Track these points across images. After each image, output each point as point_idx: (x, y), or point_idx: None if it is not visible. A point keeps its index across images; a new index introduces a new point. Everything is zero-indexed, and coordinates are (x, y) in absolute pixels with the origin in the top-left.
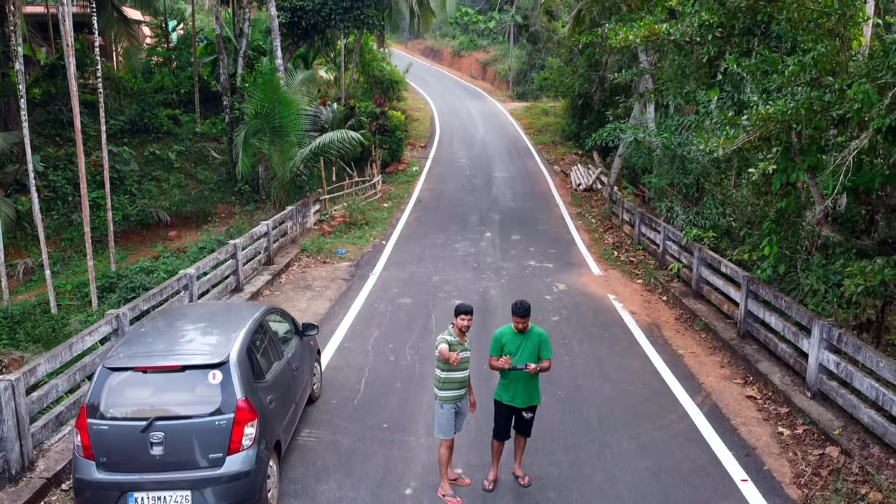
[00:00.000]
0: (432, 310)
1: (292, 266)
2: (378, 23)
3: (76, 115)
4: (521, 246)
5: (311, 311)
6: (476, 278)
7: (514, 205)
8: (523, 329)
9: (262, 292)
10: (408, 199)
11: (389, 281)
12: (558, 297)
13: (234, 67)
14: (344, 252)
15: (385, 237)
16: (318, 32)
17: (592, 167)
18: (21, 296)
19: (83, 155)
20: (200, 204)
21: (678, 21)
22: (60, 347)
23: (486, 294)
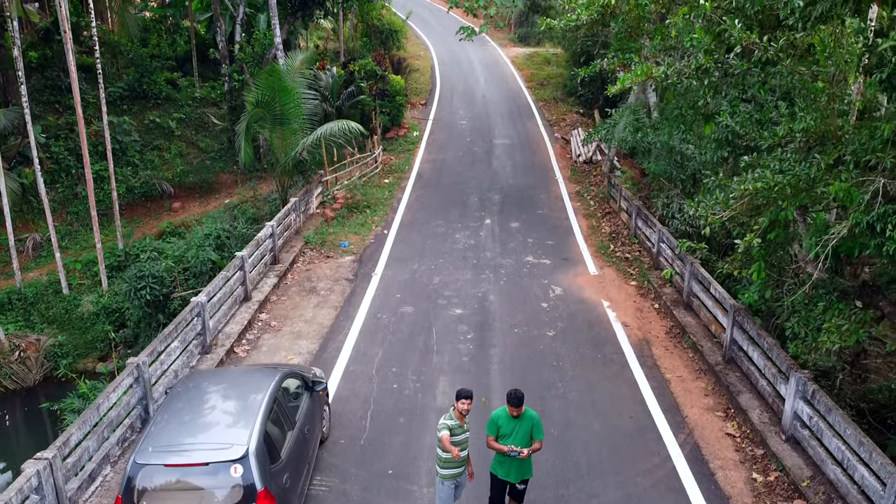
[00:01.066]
0: (433, 322)
1: (297, 263)
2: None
3: (74, 82)
4: (519, 237)
5: (316, 323)
6: (475, 279)
7: (513, 181)
8: (518, 415)
9: (270, 299)
10: (408, 174)
11: (391, 283)
12: (554, 306)
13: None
14: (347, 245)
15: (386, 225)
16: (317, 5)
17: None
18: (32, 273)
19: (84, 125)
20: (203, 174)
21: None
22: (89, 412)
23: (485, 300)
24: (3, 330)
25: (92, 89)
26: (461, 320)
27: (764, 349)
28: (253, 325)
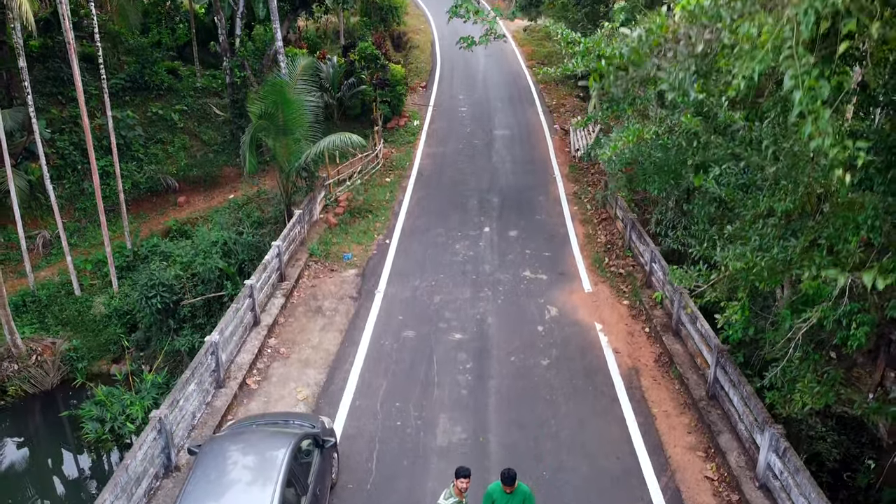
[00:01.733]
0: (434, 348)
1: (303, 278)
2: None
3: (76, 75)
4: (517, 247)
5: (323, 349)
6: (474, 298)
7: (513, 180)
8: (511, 491)
9: (278, 321)
10: (409, 171)
11: (393, 303)
12: (549, 330)
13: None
14: (350, 257)
15: (388, 233)
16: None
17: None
18: (43, 272)
19: (87, 119)
20: (206, 168)
21: (662, 122)
22: (118, 474)
23: (483, 323)
24: (20, 334)
25: (94, 80)
26: (460, 347)
27: (743, 396)
28: (263, 353)
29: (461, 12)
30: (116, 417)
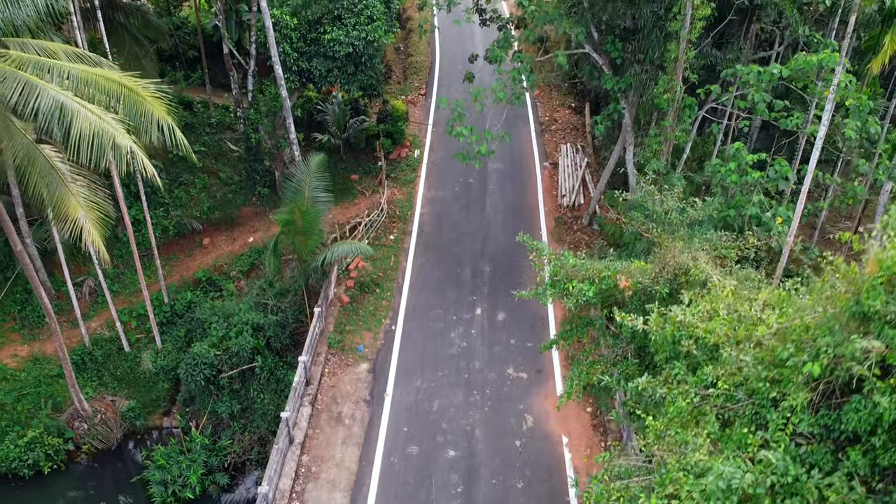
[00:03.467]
0: (433, 470)
1: (324, 376)
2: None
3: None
4: (504, 337)
5: (345, 468)
6: (465, 404)
7: (503, 240)
8: None
9: (308, 434)
10: (410, 224)
11: (399, 411)
12: (525, 444)
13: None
14: (362, 349)
15: (393, 316)
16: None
17: (580, 156)
18: (92, 322)
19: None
20: (227, 210)
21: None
22: None
23: (472, 437)
24: (84, 395)
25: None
26: (453, 467)
27: None
28: (298, 475)
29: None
30: (176, 481)
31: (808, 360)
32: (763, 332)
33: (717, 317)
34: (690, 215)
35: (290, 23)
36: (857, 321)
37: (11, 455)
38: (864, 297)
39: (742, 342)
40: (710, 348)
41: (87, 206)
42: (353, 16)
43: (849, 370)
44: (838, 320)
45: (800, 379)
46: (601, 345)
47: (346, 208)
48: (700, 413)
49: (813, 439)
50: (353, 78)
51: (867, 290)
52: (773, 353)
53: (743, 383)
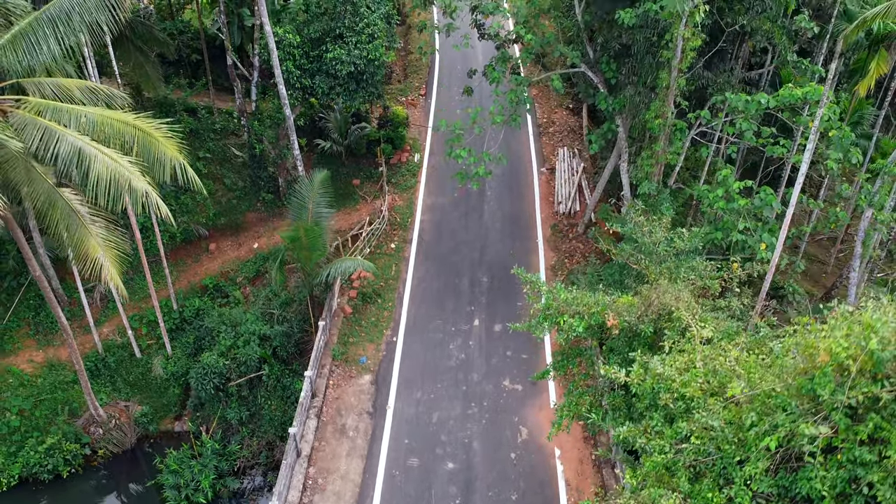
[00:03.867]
0: (432, 482)
1: (329, 388)
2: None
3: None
4: (500, 348)
5: (350, 480)
6: (463, 416)
7: (500, 248)
8: None
9: (314, 447)
10: (410, 233)
11: (401, 423)
12: (520, 457)
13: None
14: (365, 361)
15: (394, 326)
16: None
17: (577, 161)
18: (104, 328)
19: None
20: (232, 215)
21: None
22: None
23: (470, 449)
24: (99, 401)
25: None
26: (452, 479)
27: None
28: (306, 486)
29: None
30: (188, 485)
31: (768, 430)
32: (732, 394)
33: (693, 369)
34: (678, 246)
35: (293, 41)
36: (810, 400)
37: (32, 461)
38: (816, 384)
39: (716, 394)
40: (686, 400)
41: (106, 245)
42: (355, 34)
43: (800, 447)
44: (795, 397)
45: (761, 445)
46: (590, 375)
47: (348, 214)
48: (674, 465)
49: (772, 498)
50: (354, 94)
51: (818, 378)
52: (741, 415)
53: (714, 439)
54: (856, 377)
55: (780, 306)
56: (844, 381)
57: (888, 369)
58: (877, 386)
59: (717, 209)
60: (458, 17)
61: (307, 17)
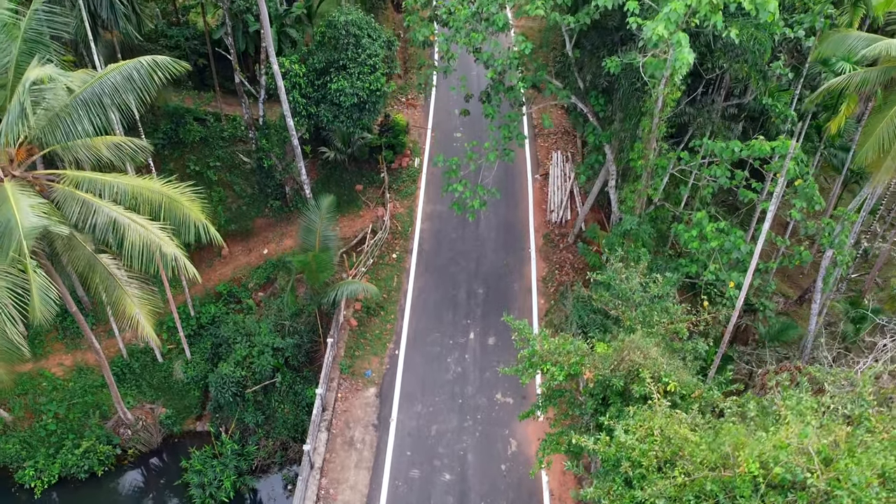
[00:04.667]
0: (431, 493)
1: (338, 401)
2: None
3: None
4: (494, 360)
5: (358, 491)
6: (459, 429)
7: (494, 259)
8: None
9: (326, 458)
10: (411, 243)
11: (403, 436)
12: (510, 469)
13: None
14: (370, 374)
15: (396, 339)
16: None
17: (570, 165)
18: (127, 333)
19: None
20: (242, 222)
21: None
22: None
23: (465, 461)
24: (126, 404)
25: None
26: (448, 490)
27: None
28: (319, 497)
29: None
30: (212, 483)
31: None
32: (677, 473)
33: (650, 437)
34: (651, 291)
35: (299, 72)
36: (734, 498)
37: (70, 463)
38: (737, 488)
39: (669, 462)
40: (643, 468)
41: (141, 303)
42: (357, 66)
43: None
44: (722, 491)
45: None
46: (570, 415)
47: (352, 220)
48: None
49: None
50: (358, 122)
51: (738, 482)
52: (682, 494)
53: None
54: (766, 491)
55: (752, 322)
56: (759, 488)
57: (794, 485)
58: (784, 495)
59: (691, 249)
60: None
61: (311, 47)
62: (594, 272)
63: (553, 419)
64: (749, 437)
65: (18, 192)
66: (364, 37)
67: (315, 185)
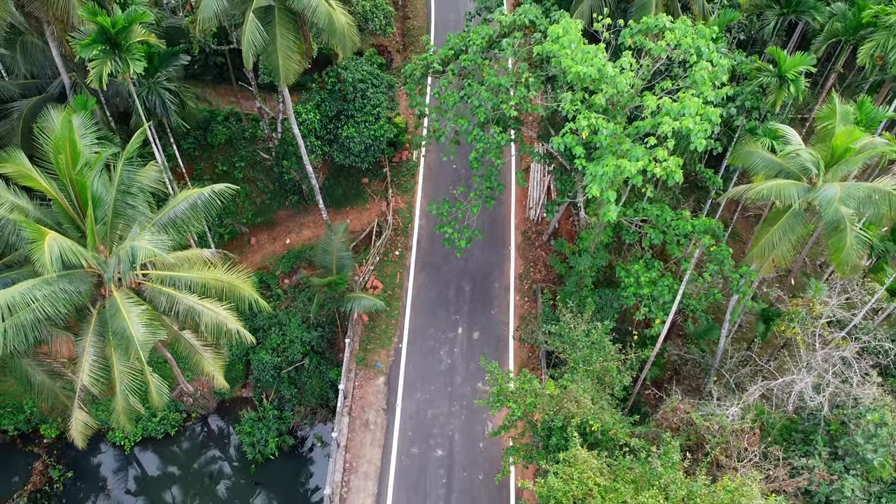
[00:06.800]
0: (427, 465)
1: (355, 389)
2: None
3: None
4: (477, 355)
5: (373, 464)
6: (449, 413)
7: (479, 257)
8: None
9: (349, 438)
10: (411, 239)
11: (406, 419)
12: (486, 447)
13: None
14: (379, 365)
15: (399, 334)
16: None
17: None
18: None
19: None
20: (266, 215)
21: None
22: None
23: (453, 440)
24: (185, 377)
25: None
26: (440, 464)
27: None
28: (345, 468)
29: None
30: (259, 441)
31: None
32: None
33: (571, 481)
34: (592, 337)
35: (314, 119)
36: None
37: (149, 427)
38: None
39: (582, 499)
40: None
41: (214, 362)
42: (364, 115)
43: None
44: None
45: None
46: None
47: (360, 213)
48: None
49: None
50: (365, 160)
51: None
52: None
53: None
54: None
55: (683, 321)
56: None
57: None
58: None
59: (629, 294)
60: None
61: (324, 94)
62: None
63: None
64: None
65: (125, 300)
66: (369, 87)
67: (326, 179)
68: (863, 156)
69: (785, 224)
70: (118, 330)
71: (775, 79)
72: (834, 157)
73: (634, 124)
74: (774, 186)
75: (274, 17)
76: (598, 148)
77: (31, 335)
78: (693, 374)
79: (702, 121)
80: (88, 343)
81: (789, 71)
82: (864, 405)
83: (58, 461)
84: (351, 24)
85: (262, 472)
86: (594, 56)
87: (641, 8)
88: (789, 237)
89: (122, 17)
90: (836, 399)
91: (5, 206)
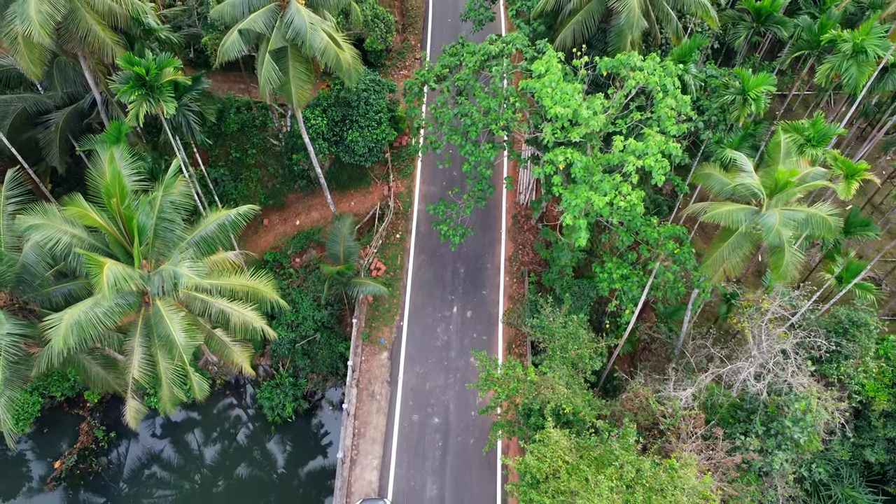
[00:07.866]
0: (425, 431)
1: (362, 363)
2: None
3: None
4: (470, 331)
5: (379, 430)
6: (445, 385)
7: (473, 238)
8: None
9: (357, 406)
10: (410, 223)
11: (407, 392)
12: (477, 415)
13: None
14: (383, 342)
15: (401, 312)
16: None
17: None
18: None
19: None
20: (277, 197)
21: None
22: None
23: (448, 409)
24: (210, 349)
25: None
26: (437, 430)
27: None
28: (354, 434)
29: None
30: (278, 406)
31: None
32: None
33: (545, 458)
34: (569, 329)
35: (321, 124)
36: None
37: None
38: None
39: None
40: (537, 477)
41: (241, 353)
42: (367, 121)
43: None
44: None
45: None
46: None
47: (363, 196)
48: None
49: None
50: (368, 160)
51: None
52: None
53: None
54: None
55: (654, 303)
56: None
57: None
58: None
59: (604, 287)
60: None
61: (330, 100)
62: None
63: (502, 412)
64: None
65: (167, 308)
66: (371, 94)
67: (332, 165)
68: (801, 188)
69: (734, 241)
70: (163, 334)
71: (739, 97)
72: (777, 187)
73: (605, 156)
74: (725, 212)
75: (287, 55)
76: (573, 177)
77: (90, 342)
78: (660, 352)
79: (662, 157)
80: (137, 343)
81: (752, 90)
82: (796, 394)
83: (101, 423)
84: (356, 57)
85: (281, 433)
86: (571, 97)
87: (619, 35)
88: (738, 252)
89: (154, 65)
90: (774, 386)
91: (66, 235)
